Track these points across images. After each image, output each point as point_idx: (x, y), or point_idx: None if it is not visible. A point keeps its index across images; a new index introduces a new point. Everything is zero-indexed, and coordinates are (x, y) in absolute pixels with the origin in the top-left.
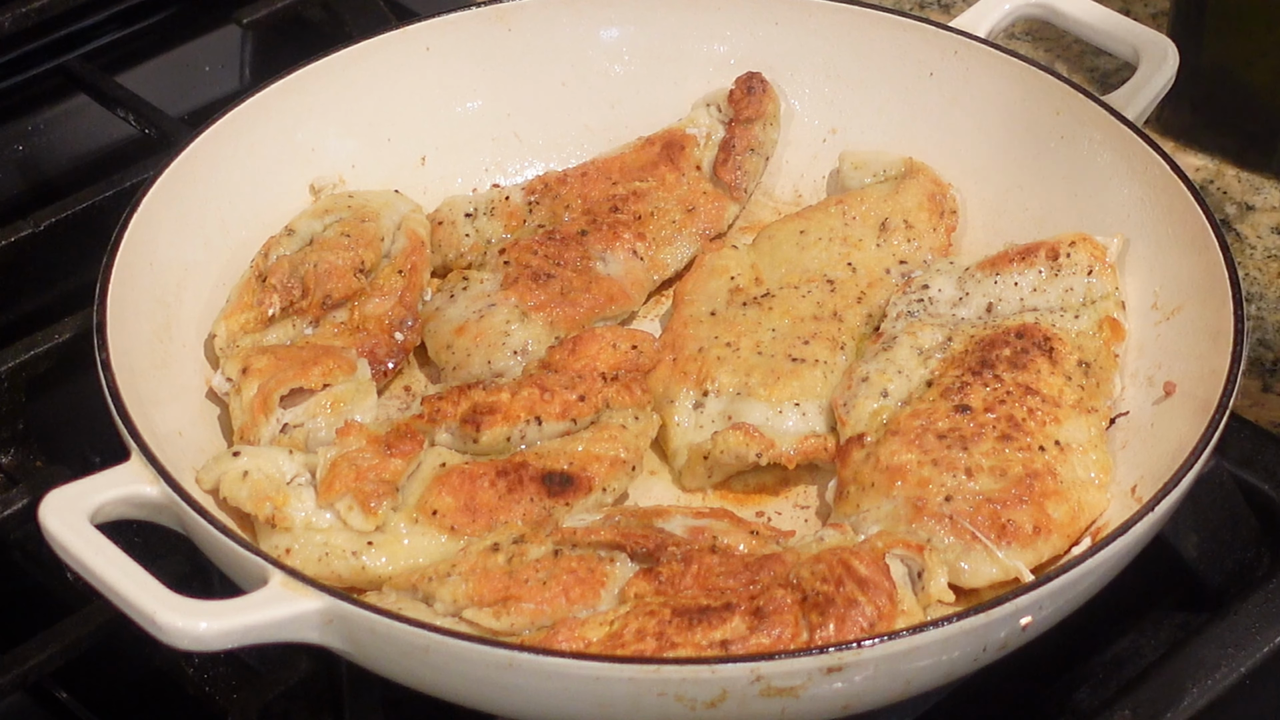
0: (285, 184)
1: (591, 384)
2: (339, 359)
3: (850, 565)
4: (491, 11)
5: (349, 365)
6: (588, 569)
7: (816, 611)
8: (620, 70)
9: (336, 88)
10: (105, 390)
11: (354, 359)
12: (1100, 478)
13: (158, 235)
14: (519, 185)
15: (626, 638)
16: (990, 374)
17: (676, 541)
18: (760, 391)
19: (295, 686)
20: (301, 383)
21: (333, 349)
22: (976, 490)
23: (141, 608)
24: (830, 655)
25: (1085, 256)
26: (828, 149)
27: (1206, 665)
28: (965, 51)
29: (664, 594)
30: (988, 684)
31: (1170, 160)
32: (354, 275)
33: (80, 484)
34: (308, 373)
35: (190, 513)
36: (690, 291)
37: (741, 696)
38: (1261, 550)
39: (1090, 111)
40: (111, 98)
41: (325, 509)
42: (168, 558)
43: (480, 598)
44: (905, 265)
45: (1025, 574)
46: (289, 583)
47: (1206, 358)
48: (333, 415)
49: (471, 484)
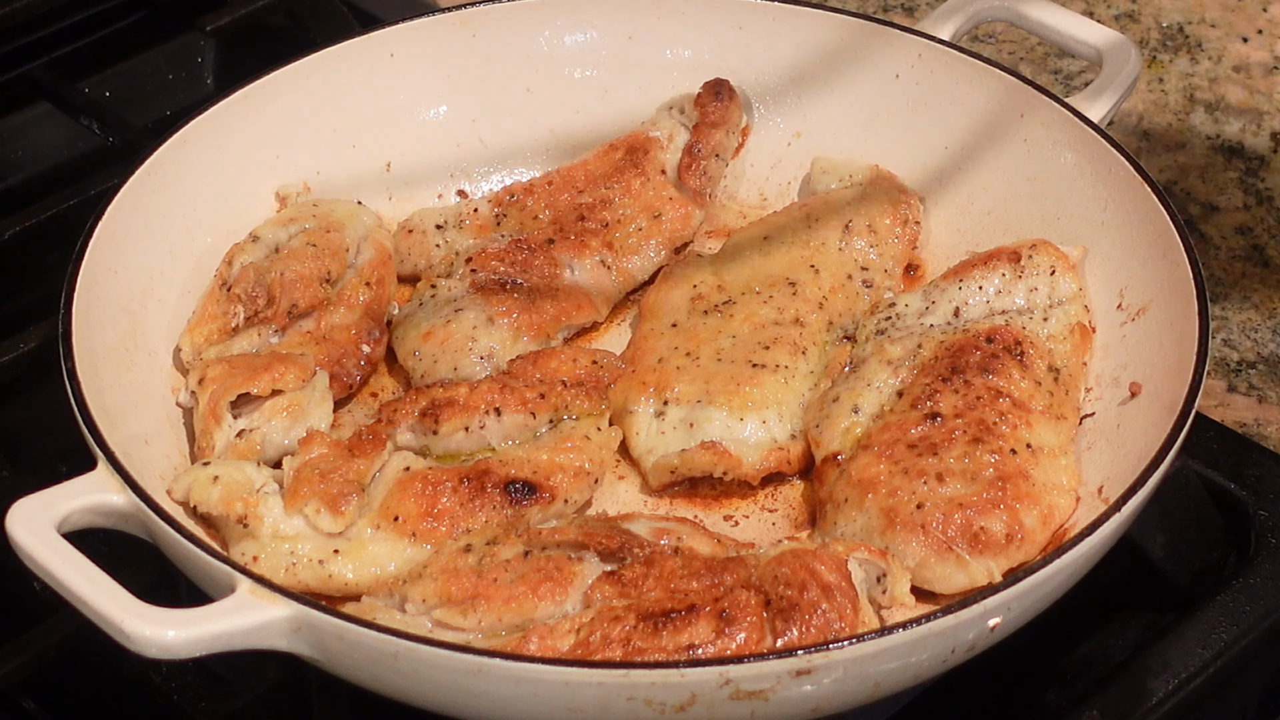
0: (250, 191)
1: (552, 386)
2: (291, 365)
3: (814, 570)
4: (456, 17)
5: (302, 371)
6: (555, 568)
7: (780, 617)
8: (584, 76)
9: (301, 94)
10: (71, 399)
11: (310, 365)
12: (1070, 484)
13: (122, 243)
14: (486, 198)
15: (593, 644)
16: (960, 379)
17: (640, 543)
18: (720, 399)
19: (264, 694)
20: (249, 388)
21: (287, 356)
22: (948, 495)
23: (109, 616)
24: (799, 658)
25: (1047, 260)
26: (792, 152)
27: (1174, 665)
28: (929, 54)
29: (627, 596)
30: (957, 685)
31: (1134, 162)
32: (320, 285)
33: (47, 493)
34: (256, 379)
35: (157, 521)
36: (653, 305)
37: (710, 700)
38: (1228, 550)
39: (1054, 113)
40: (75, 106)
41: (293, 515)
42: (135, 566)
43: (450, 597)
44: (867, 272)
45: (995, 574)
46: (257, 590)
47: (1172, 358)
48: (288, 420)
49: (434, 490)
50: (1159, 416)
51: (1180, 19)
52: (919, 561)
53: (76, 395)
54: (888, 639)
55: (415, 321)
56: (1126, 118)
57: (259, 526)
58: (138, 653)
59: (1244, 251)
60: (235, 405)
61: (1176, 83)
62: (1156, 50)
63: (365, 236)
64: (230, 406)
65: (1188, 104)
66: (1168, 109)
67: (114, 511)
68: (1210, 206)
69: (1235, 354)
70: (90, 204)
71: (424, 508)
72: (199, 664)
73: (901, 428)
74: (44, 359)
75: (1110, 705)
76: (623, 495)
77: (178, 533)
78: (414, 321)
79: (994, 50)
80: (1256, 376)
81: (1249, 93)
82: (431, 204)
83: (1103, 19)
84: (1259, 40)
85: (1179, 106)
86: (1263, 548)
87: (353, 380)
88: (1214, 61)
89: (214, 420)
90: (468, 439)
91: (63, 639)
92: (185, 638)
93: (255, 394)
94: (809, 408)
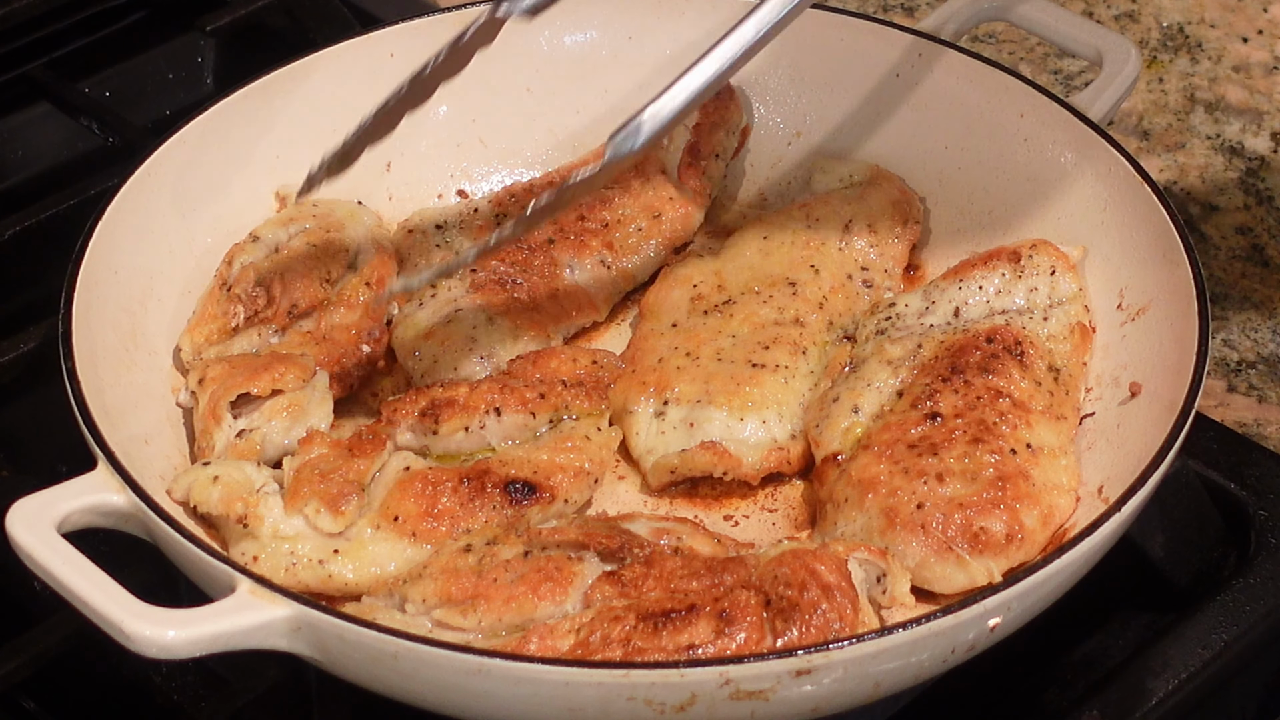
0: (250, 191)
1: (552, 386)
2: (290, 365)
3: (814, 570)
4: (455, 17)
5: (302, 371)
6: (555, 567)
7: (780, 617)
8: (584, 75)
9: (301, 94)
10: (71, 399)
11: (310, 365)
12: (1070, 484)
13: (123, 243)
14: (486, 198)
15: (593, 644)
16: (960, 379)
17: (640, 543)
18: (720, 399)
19: (264, 694)
20: (249, 388)
21: (287, 356)
22: (948, 495)
23: (109, 617)
24: (799, 658)
25: (1047, 259)
26: (793, 152)
27: (1174, 665)
28: (930, 54)
29: (627, 596)
30: (956, 685)
31: (1134, 162)
32: (320, 285)
33: (47, 493)
34: (256, 379)
35: (158, 521)
36: (653, 305)
37: (710, 700)
38: (1228, 550)
39: (1054, 113)
40: (75, 106)
41: (293, 515)
42: (135, 567)
43: (450, 597)
44: (867, 273)
45: (995, 574)
46: (257, 590)
47: (1172, 358)
48: (288, 420)
49: (434, 490)
50: (1159, 416)
51: (1180, 19)
52: (919, 561)
53: (76, 395)
54: (888, 639)
55: (415, 320)
56: (1126, 118)
57: (259, 526)
58: (138, 653)
59: (1244, 251)
60: (235, 405)
61: (1176, 83)
62: (1156, 50)
63: (366, 236)
64: (230, 406)
65: (1188, 104)
66: (1168, 109)
67: (114, 511)
68: (1210, 206)
69: (1235, 354)
70: (90, 204)
71: (424, 508)
72: (199, 664)
73: (901, 428)
74: (44, 359)
75: (1110, 705)
76: (623, 495)
77: (178, 533)
78: (414, 321)
79: (994, 50)
80: (1256, 376)
81: (1249, 93)
82: (431, 204)
83: (1103, 19)
84: (1259, 40)
85: (1179, 106)
86: (1263, 548)
87: (353, 380)
88: (1214, 61)
89: (214, 420)
90: (468, 439)
91: (63, 639)
92: (185, 638)
93: (255, 394)
94: (809, 408)
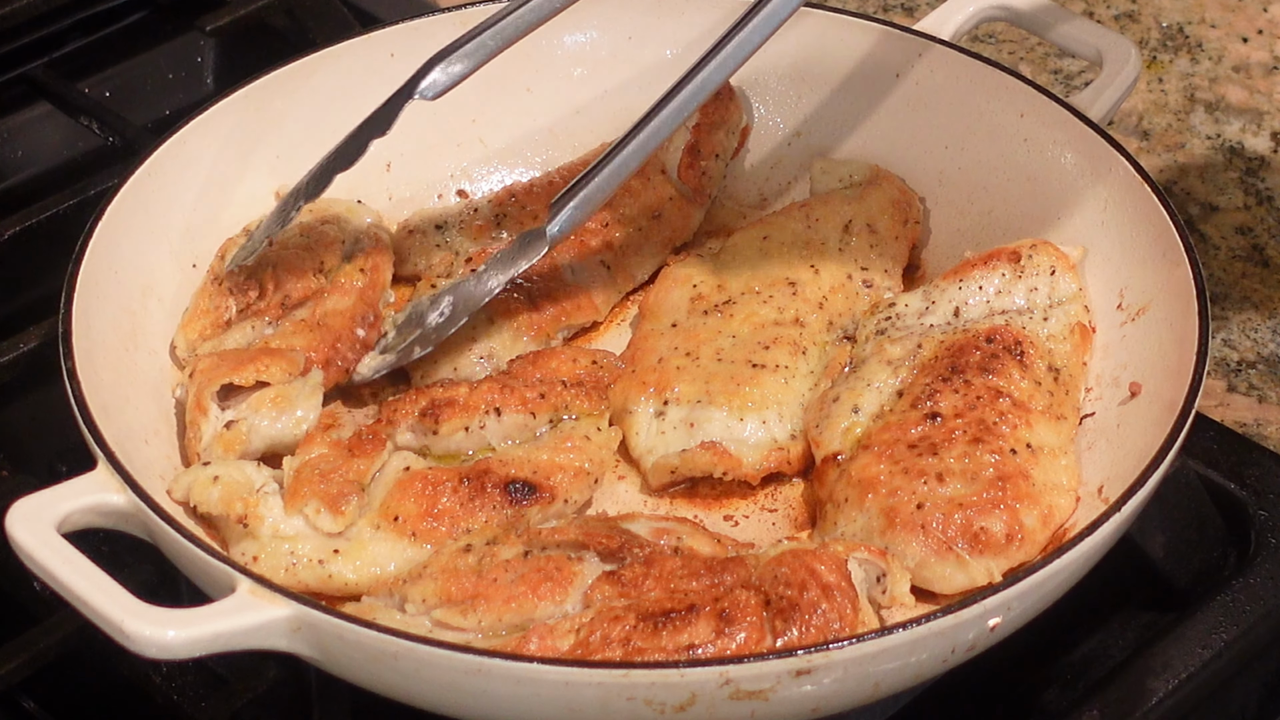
0: (250, 191)
1: (552, 386)
2: (276, 357)
3: (814, 570)
4: (455, 17)
5: (289, 364)
6: (555, 567)
7: (780, 617)
8: (584, 76)
9: (301, 94)
10: (71, 398)
11: (298, 359)
12: (1070, 484)
13: (122, 243)
14: (486, 198)
15: (593, 644)
16: (960, 379)
17: (640, 543)
18: (720, 399)
19: (264, 694)
20: (232, 378)
21: (275, 349)
22: (948, 495)
23: (109, 616)
24: (799, 658)
25: (1047, 260)
26: (792, 152)
27: (1174, 665)
28: (929, 54)
29: (627, 596)
30: (957, 685)
31: (1134, 161)
32: (313, 275)
33: (47, 493)
34: (240, 370)
35: (157, 521)
36: (653, 305)
37: (710, 700)
38: (1228, 550)
39: (1054, 113)
40: (75, 105)
41: (293, 515)
42: (135, 567)
43: (450, 597)
44: (867, 273)
45: (995, 574)
46: (257, 590)
47: (1172, 358)
48: (274, 411)
49: (434, 490)
50: (1159, 416)
51: (1180, 19)
52: (919, 561)
53: (76, 395)
54: (888, 639)
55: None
56: (1126, 118)
57: (259, 526)
58: (138, 653)
59: (1244, 251)
60: (223, 397)
61: (1176, 83)
62: (1156, 50)
63: (362, 230)
64: (217, 398)
65: (1188, 104)
66: (1168, 109)
67: (114, 511)
68: (1210, 206)
69: (1235, 354)
70: (90, 204)
71: (424, 508)
72: (199, 664)
73: (901, 428)
74: (44, 359)
75: (1110, 705)
76: (623, 495)
77: (178, 533)
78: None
79: (994, 50)
80: (1256, 376)
81: (1249, 93)
82: (431, 204)
83: (1103, 19)
84: (1259, 40)
85: (1179, 106)
86: (1263, 548)
87: (349, 365)
88: (1214, 61)
89: (200, 411)
90: (468, 439)
91: (63, 639)
92: (185, 638)
93: (242, 385)
94: (809, 408)
